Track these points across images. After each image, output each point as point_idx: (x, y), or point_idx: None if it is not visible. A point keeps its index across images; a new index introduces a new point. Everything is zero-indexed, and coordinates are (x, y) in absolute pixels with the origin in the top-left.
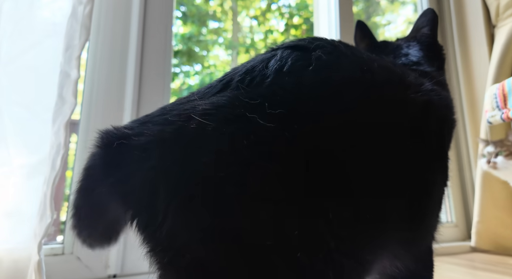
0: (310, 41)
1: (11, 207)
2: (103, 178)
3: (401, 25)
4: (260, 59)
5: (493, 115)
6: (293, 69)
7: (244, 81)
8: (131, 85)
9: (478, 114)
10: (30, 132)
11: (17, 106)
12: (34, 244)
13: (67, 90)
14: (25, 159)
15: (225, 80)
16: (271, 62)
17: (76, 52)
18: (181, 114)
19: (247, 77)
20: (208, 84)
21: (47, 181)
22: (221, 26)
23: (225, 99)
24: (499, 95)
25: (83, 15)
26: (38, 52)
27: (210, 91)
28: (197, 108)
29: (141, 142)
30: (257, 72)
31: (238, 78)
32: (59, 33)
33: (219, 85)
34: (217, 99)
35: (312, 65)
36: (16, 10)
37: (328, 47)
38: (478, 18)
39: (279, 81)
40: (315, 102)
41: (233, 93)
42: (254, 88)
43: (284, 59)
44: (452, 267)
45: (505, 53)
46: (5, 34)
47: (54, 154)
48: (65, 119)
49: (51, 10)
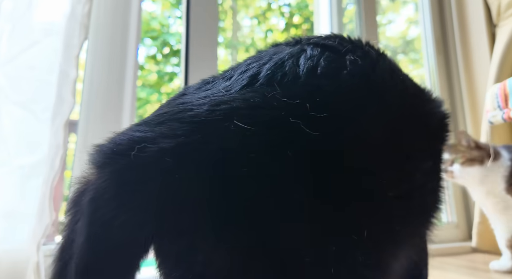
0: (340, 42)
1: (10, 208)
2: (117, 207)
3: (402, 24)
4: (288, 53)
5: (494, 115)
6: (328, 71)
7: (275, 77)
8: (130, 85)
9: (479, 114)
10: (29, 132)
11: (15, 106)
12: (33, 245)
13: (66, 89)
14: (24, 159)
15: (250, 72)
16: (301, 60)
17: (75, 51)
18: (214, 111)
19: (278, 72)
20: (225, 72)
21: (46, 181)
22: (221, 25)
23: (259, 98)
24: (500, 95)
25: (82, 14)
26: (37, 52)
27: (235, 84)
28: (233, 106)
29: (171, 145)
30: (289, 69)
31: (267, 72)
32: (57, 32)
33: (244, 77)
34: (249, 96)
35: (347, 69)
36: (14, 9)
37: (359, 51)
38: (479, 17)
39: (314, 82)
40: (357, 109)
41: (266, 90)
42: (288, 86)
43: (315, 58)
44: (453, 267)
45: (507, 52)
46: (3, 34)
47: (53, 154)
48: (64, 119)
49: (50, 9)
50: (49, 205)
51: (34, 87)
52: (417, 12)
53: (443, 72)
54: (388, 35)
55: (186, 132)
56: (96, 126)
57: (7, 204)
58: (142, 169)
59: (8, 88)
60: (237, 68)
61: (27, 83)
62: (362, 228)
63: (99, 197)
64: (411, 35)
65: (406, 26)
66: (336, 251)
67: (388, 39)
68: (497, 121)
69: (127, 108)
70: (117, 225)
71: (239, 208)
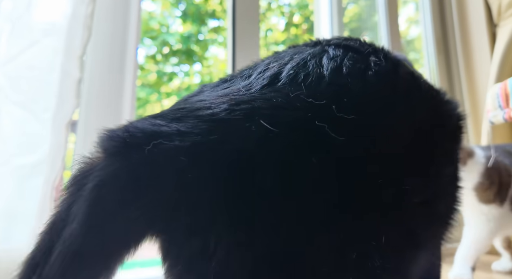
0: (360, 44)
1: (9, 207)
2: (127, 200)
3: (402, 24)
4: (309, 53)
5: (495, 115)
6: (353, 71)
7: (298, 76)
8: (129, 85)
9: (480, 114)
10: (28, 132)
11: (15, 105)
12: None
13: (68, 90)
14: (23, 159)
15: (271, 71)
16: (324, 60)
17: (77, 52)
18: (234, 110)
19: (301, 72)
20: (242, 71)
21: (47, 181)
22: (221, 24)
23: (282, 98)
24: (501, 95)
25: (85, 15)
26: (37, 51)
27: (255, 83)
28: (254, 106)
29: (186, 144)
30: (312, 69)
31: (290, 72)
32: (57, 32)
33: (265, 77)
34: (271, 96)
35: (372, 70)
36: (14, 9)
37: (380, 53)
38: (480, 17)
39: (340, 81)
40: (384, 110)
41: (290, 90)
42: (313, 86)
43: (339, 58)
44: None
45: (507, 52)
46: (3, 33)
47: (53, 154)
48: (66, 119)
49: (50, 9)
50: (49, 204)
51: (33, 87)
52: (418, 12)
53: (443, 72)
54: None
55: (203, 131)
56: (95, 127)
57: (7, 203)
58: (156, 165)
59: (8, 88)
60: (256, 67)
61: (27, 83)
62: (383, 234)
63: (107, 184)
64: (411, 35)
65: (406, 26)
66: (356, 259)
67: None
68: (498, 121)
69: (127, 108)
70: (121, 217)
71: (256, 211)
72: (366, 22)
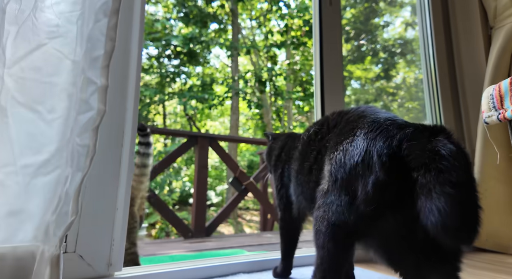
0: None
1: (14, 206)
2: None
3: (398, 26)
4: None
5: (490, 116)
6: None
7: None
8: (133, 86)
9: (475, 114)
10: (34, 133)
11: (21, 107)
12: (54, 240)
13: (94, 96)
14: (29, 159)
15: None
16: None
17: (102, 62)
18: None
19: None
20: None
21: (58, 181)
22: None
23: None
24: (495, 96)
25: (107, 27)
26: (42, 54)
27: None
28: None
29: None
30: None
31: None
32: (62, 35)
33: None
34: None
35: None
36: (20, 12)
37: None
38: (476, 20)
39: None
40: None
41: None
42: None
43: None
44: None
45: (502, 54)
46: (9, 36)
47: (80, 155)
48: (94, 124)
49: (53, 12)
50: (76, 202)
51: (39, 88)
52: (414, 15)
53: (440, 74)
54: (386, 37)
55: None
56: (100, 127)
57: (12, 202)
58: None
59: (14, 90)
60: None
61: (33, 84)
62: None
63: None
64: (408, 37)
65: (402, 29)
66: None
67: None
68: (493, 121)
69: (130, 109)
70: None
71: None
72: (364, 25)
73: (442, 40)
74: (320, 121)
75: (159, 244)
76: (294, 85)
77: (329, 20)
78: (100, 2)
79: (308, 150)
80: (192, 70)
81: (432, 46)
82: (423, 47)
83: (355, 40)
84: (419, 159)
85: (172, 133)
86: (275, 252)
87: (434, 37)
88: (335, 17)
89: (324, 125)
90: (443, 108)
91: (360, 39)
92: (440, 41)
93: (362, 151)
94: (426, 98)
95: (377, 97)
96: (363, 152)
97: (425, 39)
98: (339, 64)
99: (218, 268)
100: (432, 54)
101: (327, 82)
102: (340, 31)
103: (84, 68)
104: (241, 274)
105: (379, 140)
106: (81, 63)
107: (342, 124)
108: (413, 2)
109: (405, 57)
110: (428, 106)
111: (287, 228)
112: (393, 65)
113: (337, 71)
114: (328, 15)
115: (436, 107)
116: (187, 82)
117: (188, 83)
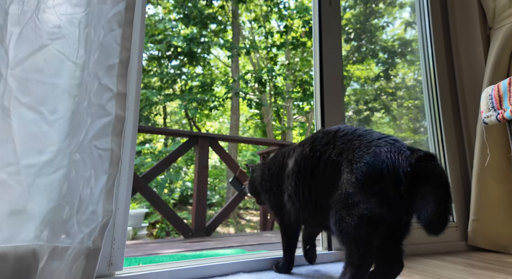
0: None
1: (17, 206)
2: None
3: (398, 27)
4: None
5: (489, 116)
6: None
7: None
8: (133, 87)
9: (474, 115)
10: (37, 133)
11: (23, 107)
12: (79, 236)
13: (111, 103)
14: (32, 159)
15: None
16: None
17: (119, 70)
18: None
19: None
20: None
21: (94, 181)
22: (222, 27)
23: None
24: (494, 96)
25: (121, 37)
26: (44, 55)
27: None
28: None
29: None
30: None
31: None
32: (63, 36)
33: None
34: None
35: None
36: (22, 13)
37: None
38: (475, 21)
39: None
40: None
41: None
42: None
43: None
44: (449, 265)
45: (501, 55)
46: (12, 37)
47: (102, 158)
48: (116, 129)
49: (55, 13)
50: (105, 203)
51: (42, 89)
52: (414, 15)
53: (439, 74)
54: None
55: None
56: None
57: (14, 202)
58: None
59: (17, 90)
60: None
61: (35, 85)
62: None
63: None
64: (408, 38)
65: (401, 29)
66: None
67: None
68: (491, 121)
69: (131, 109)
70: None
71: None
72: (364, 25)
73: (441, 41)
74: (310, 141)
75: (160, 244)
76: (294, 86)
77: (329, 20)
78: (112, 11)
79: (307, 165)
80: (192, 71)
81: (431, 46)
82: (422, 47)
83: (355, 40)
84: (425, 174)
85: (173, 133)
86: (275, 251)
87: (433, 37)
88: (335, 17)
89: (316, 144)
90: (442, 108)
91: (361, 39)
92: (439, 42)
93: (390, 165)
94: (426, 98)
95: (377, 97)
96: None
97: (424, 39)
98: (339, 64)
99: (218, 267)
100: (431, 54)
101: (327, 83)
102: (339, 32)
103: (98, 75)
104: (241, 273)
105: (401, 158)
106: (91, 68)
107: (342, 142)
108: (412, 3)
109: (404, 58)
110: (427, 106)
111: (288, 226)
112: (393, 65)
113: (337, 72)
114: (327, 15)
115: (435, 107)
116: (187, 84)
117: (189, 84)
